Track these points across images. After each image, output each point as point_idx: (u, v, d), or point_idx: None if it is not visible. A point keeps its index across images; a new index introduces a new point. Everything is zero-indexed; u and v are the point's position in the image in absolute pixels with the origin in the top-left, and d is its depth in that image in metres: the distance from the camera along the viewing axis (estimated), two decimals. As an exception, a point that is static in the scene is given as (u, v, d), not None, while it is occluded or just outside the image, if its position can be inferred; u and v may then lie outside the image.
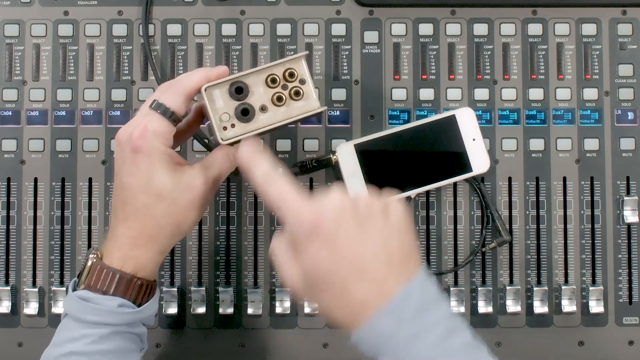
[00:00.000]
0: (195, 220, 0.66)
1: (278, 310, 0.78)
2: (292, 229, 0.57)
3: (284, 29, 0.80)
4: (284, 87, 0.65)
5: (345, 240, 0.55)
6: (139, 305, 0.65)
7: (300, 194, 0.58)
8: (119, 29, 0.80)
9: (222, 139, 0.64)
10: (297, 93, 0.65)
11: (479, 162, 0.77)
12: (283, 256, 0.58)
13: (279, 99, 0.64)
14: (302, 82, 0.64)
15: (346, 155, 0.76)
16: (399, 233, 0.57)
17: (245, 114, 0.64)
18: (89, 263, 0.65)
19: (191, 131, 0.72)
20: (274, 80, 0.65)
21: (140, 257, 0.64)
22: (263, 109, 0.65)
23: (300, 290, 0.58)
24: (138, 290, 0.64)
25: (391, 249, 0.56)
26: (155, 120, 0.63)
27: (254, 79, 0.64)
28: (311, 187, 0.79)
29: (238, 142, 0.64)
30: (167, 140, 0.64)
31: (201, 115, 0.70)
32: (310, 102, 0.65)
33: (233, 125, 0.64)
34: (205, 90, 0.64)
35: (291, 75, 0.64)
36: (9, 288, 0.77)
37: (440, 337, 0.54)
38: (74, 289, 0.65)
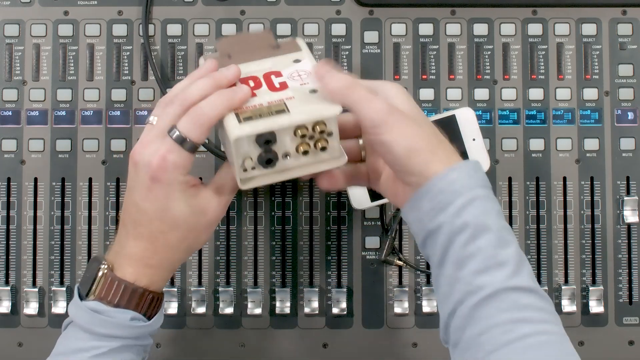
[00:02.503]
0: (207, 239, 0.68)
1: (278, 310, 0.78)
2: (378, 111, 0.59)
3: (284, 29, 0.80)
4: (311, 137, 0.61)
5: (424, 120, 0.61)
6: (149, 318, 0.64)
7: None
8: (119, 29, 0.80)
9: (241, 182, 0.62)
10: (323, 148, 0.61)
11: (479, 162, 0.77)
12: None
13: (305, 152, 0.61)
14: (330, 134, 0.61)
15: (346, 155, 0.76)
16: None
17: (269, 163, 0.61)
18: (100, 273, 0.63)
19: None
20: (302, 129, 0.61)
21: (154, 275, 0.63)
22: (286, 155, 0.62)
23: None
24: (149, 303, 0.64)
25: (443, 139, 0.62)
26: (175, 151, 0.60)
27: (284, 130, 0.61)
28: (311, 187, 0.79)
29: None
30: (186, 169, 0.61)
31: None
32: (334, 156, 0.63)
33: (253, 168, 0.62)
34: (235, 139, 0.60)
35: (321, 130, 0.61)
36: (9, 288, 0.77)
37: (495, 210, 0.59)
38: (81, 297, 0.64)
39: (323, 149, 0.61)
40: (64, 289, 0.77)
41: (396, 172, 0.61)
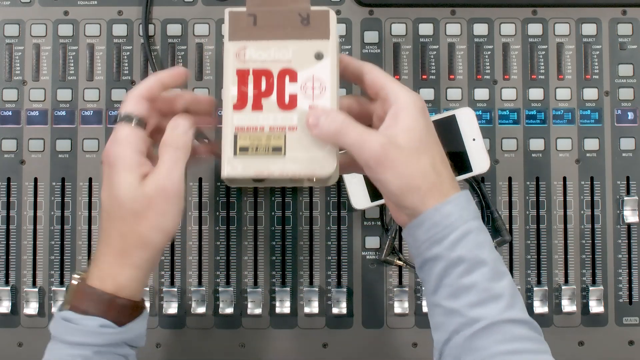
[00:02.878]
0: (164, 232, 0.62)
1: (278, 310, 0.78)
2: (411, 100, 0.60)
3: (284, 29, 0.80)
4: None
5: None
6: (123, 326, 0.63)
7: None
8: (119, 29, 0.80)
9: (226, 175, 0.60)
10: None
11: (479, 162, 0.77)
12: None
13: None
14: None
15: (346, 155, 0.76)
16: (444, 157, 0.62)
17: (258, 181, 0.63)
18: (74, 283, 0.63)
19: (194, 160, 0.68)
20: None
21: (118, 276, 0.62)
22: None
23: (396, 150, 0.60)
24: (120, 310, 0.62)
25: (441, 169, 0.61)
26: (120, 128, 0.61)
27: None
28: (311, 187, 0.79)
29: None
30: (132, 144, 0.61)
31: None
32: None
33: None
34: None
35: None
36: (9, 288, 0.77)
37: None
38: (60, 309, 0.64)
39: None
40: (64, 289, 0.77)
41: (392, 203, 0.62)
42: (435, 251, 0.58)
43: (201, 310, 0.77)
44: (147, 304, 0.75)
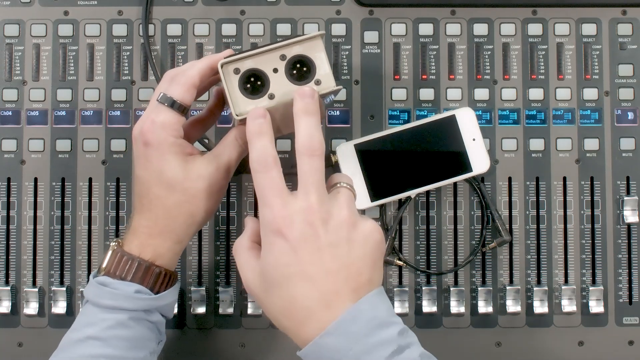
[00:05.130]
0: (210, 208, 0.66)
1: (278, 310, 0.78)
2: (264, 220, 0.59)
3: (284, 29, 0.80)
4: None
5: (306, 250, 0.57)
6: (157, 294, 0.66)
7: (284, 190, 0.59)
8: (119, 29, 0.80)
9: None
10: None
11: (479, 162, 0.77)
12: (245, 253, 0.61)
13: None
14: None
15: (346, 155, 0.76)
16: (363, 259, 0.59)
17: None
18: (109, 250, 0.66)
19: (214, 116, 0.72)
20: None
21: (158, 246, 0.65)
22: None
23: (255, 288, 0.60)
24: (156, 277, 0.65)
25: (350, 270, 0.58)
26: (162, 112, 0.64)
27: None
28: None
29: None
30: (176, 131, 0.64)
31: (222, 99, 0.70)
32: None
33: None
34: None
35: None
36: (9, 288, 0.77)
37: (390, 354, 0.55)
38: (95, 276, 0.66)
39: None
40: (64, 289, 0.77)
41: None
42: None
43: (201, 310, 0.77)
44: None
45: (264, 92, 0.64)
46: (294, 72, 0.64)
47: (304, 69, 0.64)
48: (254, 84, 0.64)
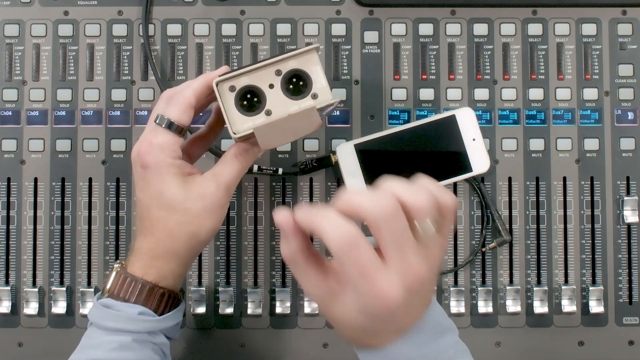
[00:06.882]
0: (213, 227, 0.65)
1: (278, 310, 0.78)
2: (366, 301, 0.52)
3: (284, 29, 0.80)
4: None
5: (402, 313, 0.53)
6: (161, 315, 0.65)
7: (378, 262, 0.50)
8: (119, 29, 0.80)
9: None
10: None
11: (479, 162, 0.77)
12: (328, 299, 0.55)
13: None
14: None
15: (346, 155, 0.76)
16: (433, 282, 0.56)
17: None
18: (113, 272, 0.65)
19: (215, 133, 0.71)
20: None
21: (161, 268, 0.64)
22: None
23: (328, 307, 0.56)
24: (160, 299, 0.65)
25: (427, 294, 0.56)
26: (159, 134, 0.64)
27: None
28: (311, 187, 0.79)
29: (249, 137, 0.64)
30: (174, 152, 0.64)
31: (222, 116, 0.70)
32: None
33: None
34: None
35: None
36: (9, 288, 0.77)
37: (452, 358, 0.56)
38: (99, 298, 0.66)
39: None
40: (64, 289, 0.77)
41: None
42: None
43: (201, 310, 0.77)
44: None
45: (261, 108, 0.63)
46: (290, 86, 0.64)
47: (300, 83, 0.64)
48: (251, 100, 0.63)
